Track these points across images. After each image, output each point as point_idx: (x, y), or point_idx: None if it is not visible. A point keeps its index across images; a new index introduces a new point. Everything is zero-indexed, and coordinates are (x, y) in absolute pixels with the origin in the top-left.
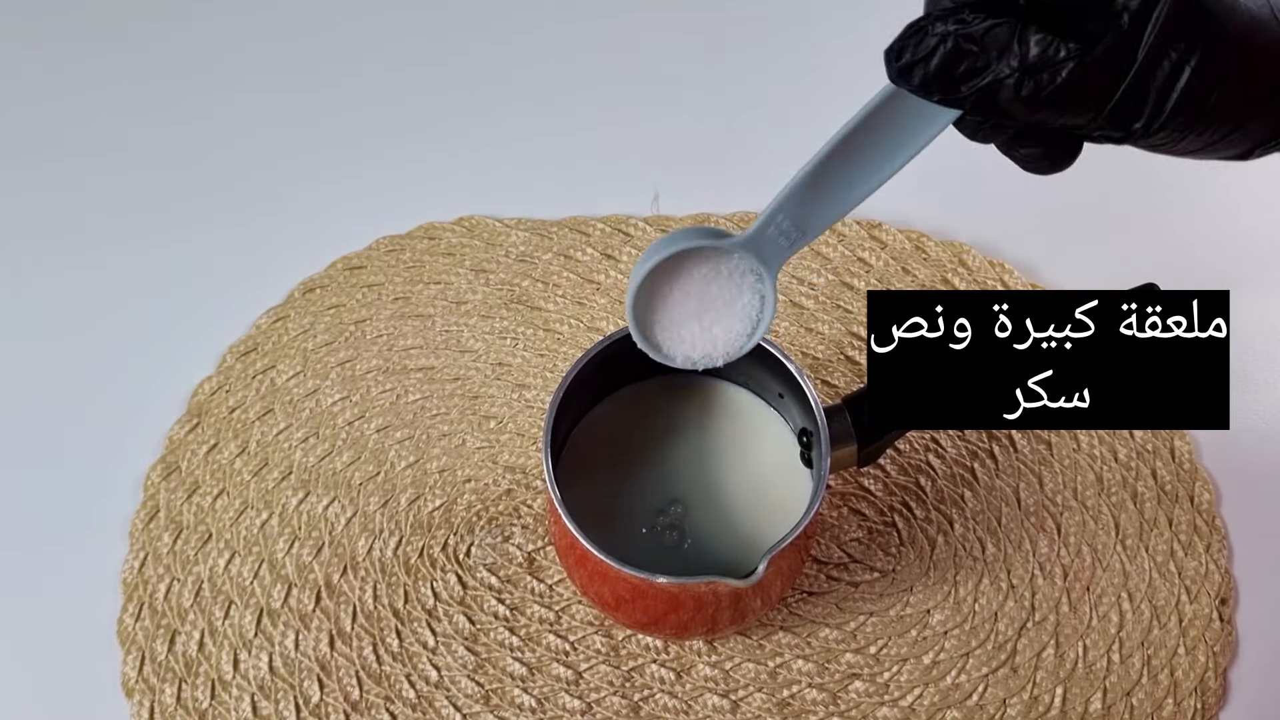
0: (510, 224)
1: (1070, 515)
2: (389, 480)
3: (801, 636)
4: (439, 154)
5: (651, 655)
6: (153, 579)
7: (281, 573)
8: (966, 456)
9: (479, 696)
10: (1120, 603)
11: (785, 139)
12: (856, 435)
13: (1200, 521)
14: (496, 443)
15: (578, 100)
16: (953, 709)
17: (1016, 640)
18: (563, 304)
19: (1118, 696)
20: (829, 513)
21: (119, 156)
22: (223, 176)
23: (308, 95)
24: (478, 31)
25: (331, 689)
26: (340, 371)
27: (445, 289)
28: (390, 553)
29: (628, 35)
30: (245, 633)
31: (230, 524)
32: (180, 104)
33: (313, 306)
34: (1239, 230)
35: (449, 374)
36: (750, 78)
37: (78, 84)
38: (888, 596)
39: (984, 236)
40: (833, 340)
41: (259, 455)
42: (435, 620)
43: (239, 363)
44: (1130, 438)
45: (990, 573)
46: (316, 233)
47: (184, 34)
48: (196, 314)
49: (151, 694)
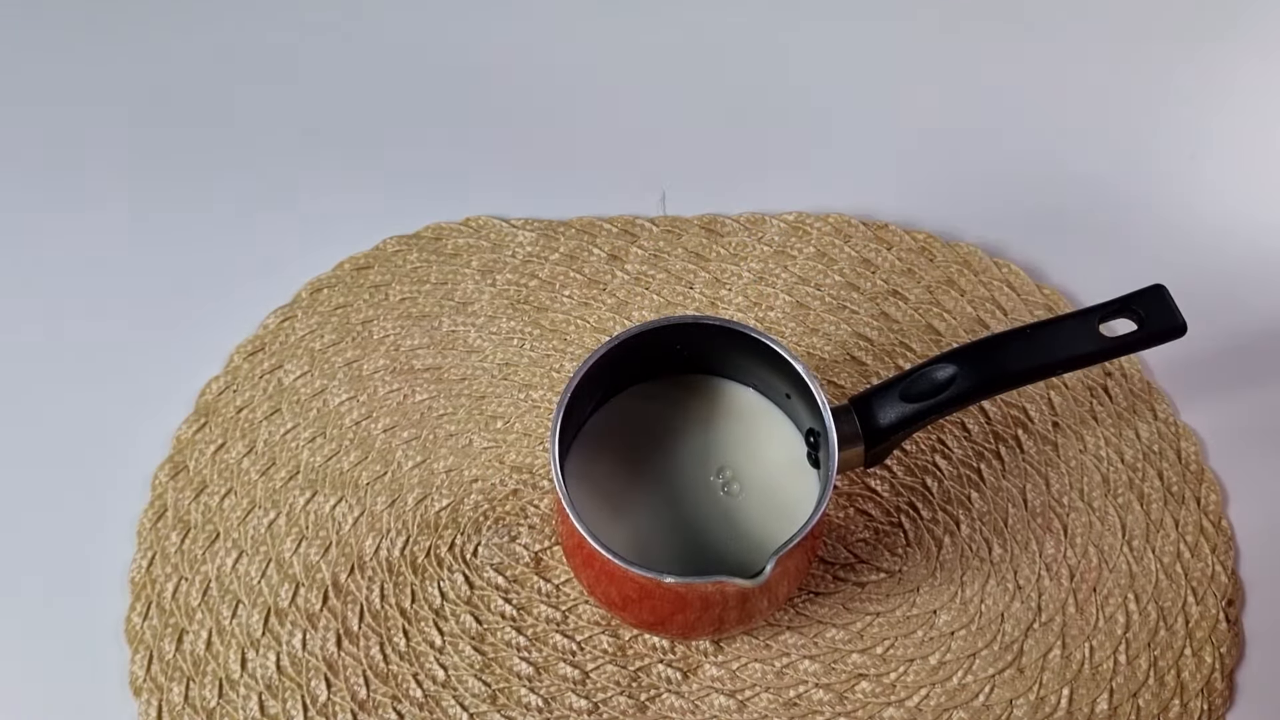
0: (517, 225)
1: (1077, 516)
2: (396, 480)
3: (808, 636)
4: (446, 154)
5: (658, 655)
6: (160, 578)
7: (289, 572)
8: (973, 457)
9: (486, 696)
10: (1127, 604)
11: (793, 140)
12: (863, 436)
13: (1207, 523)
14: (503, 443)
15: (585, 101)
16: (959, 709)
17: (1023, 641)
18: (569, 305)
19: (1124, 698)
20: (836, 513)
21: (126, 156)
22: (230, 176)
23: (314, 95)
24: (484, 32)
25: (339, 688)
26: (347, 371)
27: (452, 290)
28: (397, 552)
29: (635, 35)
30: (253, 632)
31: (238, 523)
32: (187, 103)
33: (320, 306)
34: (1245, 230)
35: (456, 374)
36: (758, 78)
37: (85, 83)
38: (894, 597)
39: (990, 238)
40: (839, 341)
41: (266, 455)
42: (442, 620)
43: (246, 362)
44: (1137, 439)
45: (997, 573)
46: (324, 233)
47: (191, 32)
48: (204, 314)
49: (159, 693)
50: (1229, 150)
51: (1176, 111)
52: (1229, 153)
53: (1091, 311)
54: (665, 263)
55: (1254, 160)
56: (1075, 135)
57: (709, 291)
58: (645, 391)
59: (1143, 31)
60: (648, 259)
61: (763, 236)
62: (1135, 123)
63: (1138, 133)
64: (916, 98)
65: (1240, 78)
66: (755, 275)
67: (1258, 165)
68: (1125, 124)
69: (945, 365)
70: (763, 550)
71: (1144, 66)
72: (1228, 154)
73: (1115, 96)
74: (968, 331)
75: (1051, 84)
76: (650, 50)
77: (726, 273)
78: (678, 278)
